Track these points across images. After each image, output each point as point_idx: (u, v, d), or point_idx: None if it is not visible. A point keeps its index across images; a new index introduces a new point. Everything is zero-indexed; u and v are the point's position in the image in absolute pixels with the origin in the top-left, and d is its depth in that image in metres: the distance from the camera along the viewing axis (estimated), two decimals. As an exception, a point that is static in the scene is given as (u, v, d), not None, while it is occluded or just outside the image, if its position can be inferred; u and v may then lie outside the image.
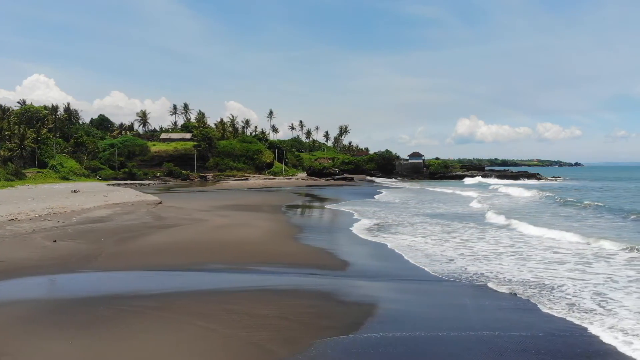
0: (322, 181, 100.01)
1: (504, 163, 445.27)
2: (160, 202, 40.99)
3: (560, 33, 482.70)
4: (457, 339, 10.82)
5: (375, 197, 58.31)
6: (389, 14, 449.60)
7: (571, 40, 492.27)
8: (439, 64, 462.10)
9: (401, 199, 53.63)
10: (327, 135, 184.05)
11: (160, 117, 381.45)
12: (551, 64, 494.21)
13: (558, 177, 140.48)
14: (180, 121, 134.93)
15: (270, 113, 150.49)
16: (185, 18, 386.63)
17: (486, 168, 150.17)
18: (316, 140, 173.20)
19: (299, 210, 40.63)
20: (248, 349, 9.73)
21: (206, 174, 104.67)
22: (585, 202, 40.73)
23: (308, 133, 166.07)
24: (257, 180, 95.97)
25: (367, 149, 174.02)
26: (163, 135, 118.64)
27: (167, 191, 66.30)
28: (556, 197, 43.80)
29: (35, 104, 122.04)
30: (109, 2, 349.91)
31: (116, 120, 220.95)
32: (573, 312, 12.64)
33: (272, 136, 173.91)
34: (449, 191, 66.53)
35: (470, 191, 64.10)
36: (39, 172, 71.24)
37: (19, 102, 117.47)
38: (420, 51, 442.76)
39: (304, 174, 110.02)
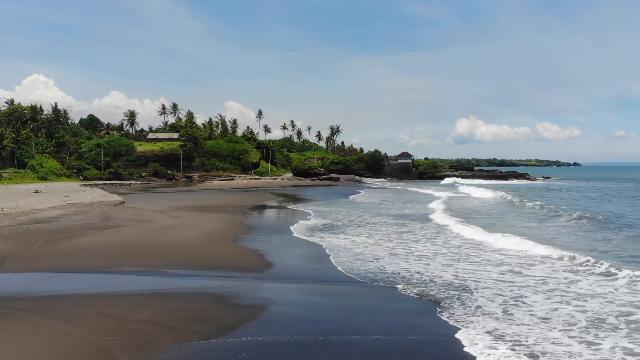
0: (308, 181, 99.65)
1: (502, 163, 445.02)
2: (122, 203, 40.72)
3: (560, 33, 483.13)
4: (338, 344, 10.58)
5: (350, 197, 58.05)
6: (388, 14, 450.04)
7: (570, 40, 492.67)
8: (439, 63, 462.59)
9: (375, 199, 53.39)
10: (319, 135, 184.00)
11: (159, 117, 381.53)
12: (550, 64, 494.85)
13: (548, 177, 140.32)
14: (172, 121, 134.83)
15: (260, 113, 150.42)
16: (185, 18, 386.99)
17: (475, 168, 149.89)
18: (307, 140, 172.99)
19: (261, 210, 40.35)
20: (90, 354, 9.46)
21: (192, 174, 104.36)
22: (535, 204, 40.16)
23: (299, 133, 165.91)
24: (241, 181, 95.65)
25: (361, 149, 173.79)
26: (150, 135, 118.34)
27: (143, 191, 66.01)
28: (515, 199, 43.47)
29: (34, 104, 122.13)
30: (108, 2, 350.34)
31: (115, 120, 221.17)
32: (470, 315, 12.31)
33: (264, 136, 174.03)
34: (427, 191, 66.46)
35: (441, 192, 64.30)
36: (17, 172, 70.92)
37: (6, 102, 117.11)
38: (419, 51, 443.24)
39: (290, 174, 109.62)
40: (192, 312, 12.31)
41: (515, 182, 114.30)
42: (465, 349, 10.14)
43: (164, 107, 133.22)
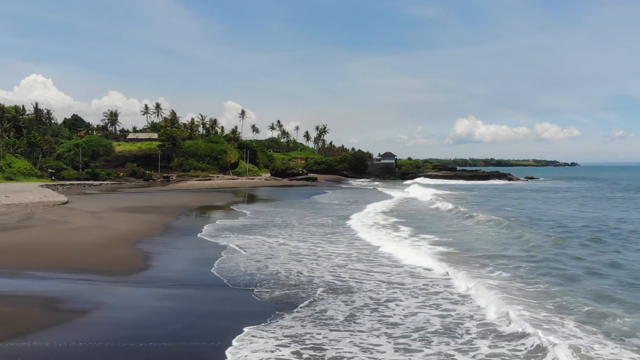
0: (285, 181, 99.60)
1: (499, 163, 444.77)
2: (65, 203, 40.68)
3: (559, 33, 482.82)
4: (135, 350, 10.56)
5: (313, 197, 58.06)
6: (388, 14, 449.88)
7: (570, 40, 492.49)
8: (438, 64, 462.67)
9: (337, 200, 53.28)
10: (307, 136, 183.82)
11: (144, 118, 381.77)
12: (550, 64, 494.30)
13: (532, 177, 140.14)
14: (160, 121, 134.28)
15: (242, 113, 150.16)
16: (184, 18, 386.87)
17: (468, 168, 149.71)
18: (293, 141, 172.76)
19: (199, 211, 40.08)
20: None
21: (170, 174, 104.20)
22: (457, 207, 39.75)
23: (284, 133, 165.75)
24: (217, 181, 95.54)
25: (353, 149, 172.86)
26: (130, 136, 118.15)
27: (108, 192, 65.96)
28: (449, 203, 43.39)
29: (34, 105, 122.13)
30: (108, 2, 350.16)
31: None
32: (292, 321, 12.18)
33: (252, 136, 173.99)
34: (390, 192, 66.54)
35: (399, 192, 64.49)
36: (-18, 172, 70.82)
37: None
38: (419, 51, 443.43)
39: (269, 175, 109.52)
40: (5, 316, 12.26)
41: (493, 182, 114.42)
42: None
43: (146, 107, 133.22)
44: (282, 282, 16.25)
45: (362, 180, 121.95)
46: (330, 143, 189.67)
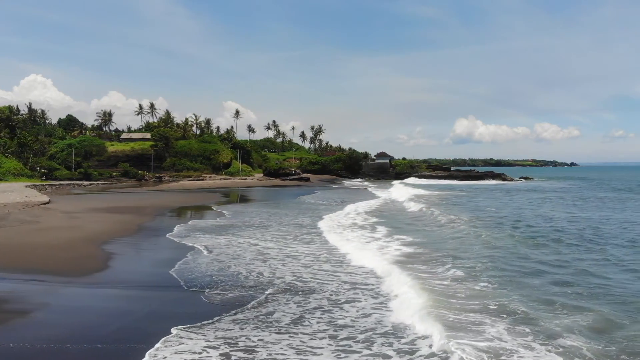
0: (277, 182, 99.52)
1: (498, 163, 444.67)
2: (46, 203, 40.62)
3: (559, 33, 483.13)
4: (62, 352, 10.51)
5: (300, 198, 58.03)
6: (387, 14, 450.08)
7: (569, 40, 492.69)
8: (438, 64, 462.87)
9: (325, 200, 53.10)
10: (303, 136, 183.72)
11: (138, 118, 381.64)
12: (549, 64, 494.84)
13: (527, 177, 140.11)
14: (155, 121, 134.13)
15: (237, 113, 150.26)
16: (184, 18, 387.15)
17: (453, 168, 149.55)
18: (286, 141, 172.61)
19: (179, 212, 39.90)
20: None
21: (162, 174, 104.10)
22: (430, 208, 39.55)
23: (278, 133, 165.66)
24: (209, 181, 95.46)
25: (350, 149, 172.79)
26: (124, 136, 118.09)
27: (96, 192, 65.90)
28: (429, 203, 43.40)
29: (33, 104, 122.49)
30: (107, 2, 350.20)
31: (113, 120, 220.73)
32: (231, 324, 12.08)
33: (248, 136, 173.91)
34: (377, 192, 66.44)
35: (387, 193, 64.40)
36: (-29, 172, 70.71)
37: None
38: (418, 51, 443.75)
39: (262, 175, 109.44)
40: None
41: (486, 182, 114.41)
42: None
43: (140, 107, 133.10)
44: (239, 283, 16.20)
45: (356, 180, 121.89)
46: (327, 143, 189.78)
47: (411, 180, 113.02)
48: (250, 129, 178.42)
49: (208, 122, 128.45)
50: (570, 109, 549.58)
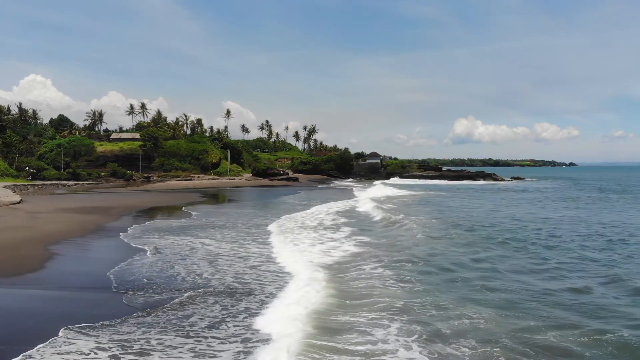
0: (265, 182, 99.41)
1: (497, 163, 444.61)
2: (17, 203, 40.56)
3: (559, 33, 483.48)
4: None
5: (282, 197, 58.09)
6: (387, 14, 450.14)
7: (569, 40, 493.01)
8: (438, 64, 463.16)
9: (307, 201, 52.95)
10: (297, 136, 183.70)
11: (129, 118, 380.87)
12: (549, 64, 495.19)
13: (519, 177, 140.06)
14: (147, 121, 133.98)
15: (228, 113, 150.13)
16: (183, 18, 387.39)
17: (444, 168, 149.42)
18: (279, 141, 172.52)
19: (148, 212, 39.57)
20: None
21: (151, 175, 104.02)
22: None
23: (270, 133, 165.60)
24: (196, 181, 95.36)
25: (346, 149, 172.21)
26: (114, 135, 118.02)
27: (77, 192, 65.87)
28: (392, 205, 43.55)
29: (32, 105, 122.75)
30: (107, 2, 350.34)
31: (112, 120, 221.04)
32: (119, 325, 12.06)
33: (242, 136, 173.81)
34: (356, 192, 66.37)
35: (361, 192, 64.47)
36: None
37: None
38: (418, 51, 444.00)
39: (250, 175, 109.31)
40: None
41: (476, 182, 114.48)
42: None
43: (132, 107, 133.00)
44: (173, 285, 16.00)
45: (347, 180, 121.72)
46: (321, 143, 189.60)
47: (397, 180, 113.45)
48: (244, 129, 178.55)
49: (199, 121, 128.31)
50: (569, 109, 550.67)
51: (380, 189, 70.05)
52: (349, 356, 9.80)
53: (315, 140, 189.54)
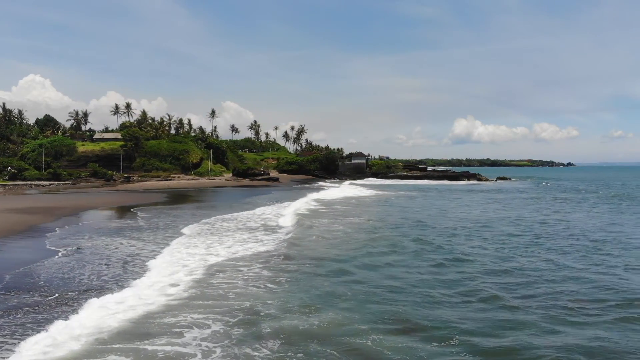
0: (245, 182, 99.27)
1: (494, 163, 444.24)
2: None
3: (558, 33, 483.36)
4: None
5: (252, 198, 57.91)
6: (387, 14, 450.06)
7: (569, 40, 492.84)
8: (437, 64, 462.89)
9: (273, 201, 52.72)
10: (286, 136, 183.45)
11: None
12: (549, 64, 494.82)
13: (505, 177, 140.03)
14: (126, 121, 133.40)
15: (213, 113, 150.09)
16: (182, 18, 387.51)
17: (430, 168, 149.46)
18: (266, 141, 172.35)
19: (94, 214, 39.52)
20: None
21: (131, 175, 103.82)
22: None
23: (257, 133, 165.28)
24: (176, 181, 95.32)
25: (341, 149, 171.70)
26: (97, 136, 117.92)
27: (48, 193, 65.78)
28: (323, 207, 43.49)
29: (31, 104, 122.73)
30: (107, 2, 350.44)
31: (111, 120, 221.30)
32: None
33: (231, 136, 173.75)
34: (327, 192, 66.20)
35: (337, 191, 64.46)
36: None
37: None
38: (418, 51, 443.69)
39: (231, 175, 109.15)
40: None
41: (458, 183, 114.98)
42: None
43: (117, 107, 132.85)
44: (62, 287, 15.92)
45: (329, 180, 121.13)
46: (310, 143, 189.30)
47: (376, 180, 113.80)
48: (234, 129, 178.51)
49: (180, 121, 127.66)
50: (569, 109, 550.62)
51: (344, 189, 69.85)
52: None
53: (307, 140, 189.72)
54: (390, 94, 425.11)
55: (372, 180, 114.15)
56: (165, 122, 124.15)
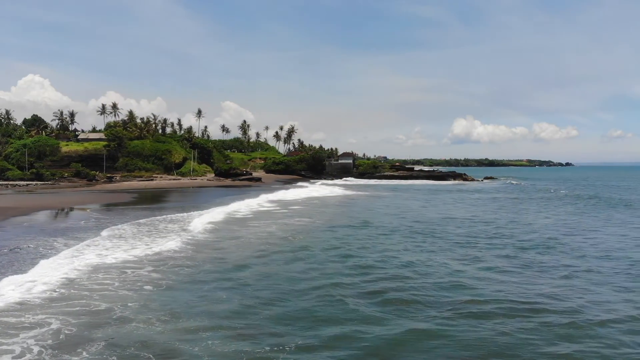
0: (227, 182, 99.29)
1: (492, 163, 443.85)
2: None
3: (558, 33, 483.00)
4: None
5: (218, 199, 57.64)
6: (386, 14, 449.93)
7: (568, 40, 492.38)
8: (437, 64, 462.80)
9: (234, 201, 52.71)
10: (277, 136, 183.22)
11: (101, 117, 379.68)
12: (548, 63, 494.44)
13: (491, 177, 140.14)
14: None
15: (199, 112, 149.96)
16: (182, 18, 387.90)
17: (416, 168, 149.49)
18: (255, 141, 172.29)
19: (42, 215, 39.45)
20: None
21: (114, 175, 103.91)
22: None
23: (244, 133, 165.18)
24: (156, 182, 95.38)
25: (335, 149, 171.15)
26: (81, 136, 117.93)
27: (20, 193, 65.89)
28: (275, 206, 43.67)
29: (31, 105, 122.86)
30: (106, 2, 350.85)
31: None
32: None
33: (222, 136, 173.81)
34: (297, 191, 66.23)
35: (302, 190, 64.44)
36: None
37: None
38: (417, 51, 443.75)
39: (213, 175, 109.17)
40: None
41: (443, 183, 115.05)
42: None
43: (103, 107, 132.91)
44: None
45: (313, 180, 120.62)
46: (302, 143, 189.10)
47: (357, 181, 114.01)
48: (225, 129, 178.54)
49: (165, 121, 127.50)
50: (568, 108, 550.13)
51: (316, 189, 69.82)
52: None
53: (299, 139, 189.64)
54: (390, 94, 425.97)
55: (354, 181, 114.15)
56: (151, 122, 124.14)
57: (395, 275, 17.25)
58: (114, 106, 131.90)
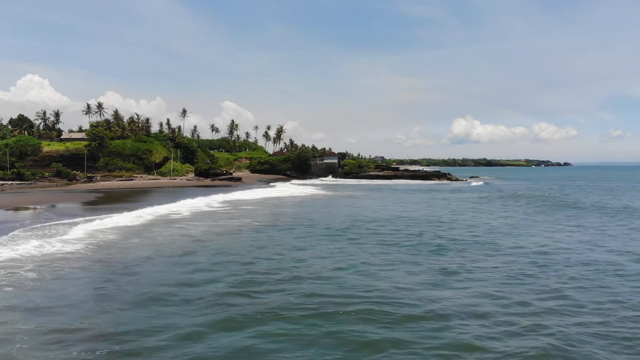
0: (207, 182, 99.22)
1: (489, 163, 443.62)
2: None
3: (557, 33, 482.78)
4: None
5: (184, 199, 57.56)
6: (386, 14, 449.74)
7: (568, 40, 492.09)
8: (436, 64, 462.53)
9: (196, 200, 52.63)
10: (266, 135, 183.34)
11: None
12: (548, 64, 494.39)
13: (476, 176, 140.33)
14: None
15: (184, 112, 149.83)
16: (182, 18, 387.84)
17: (400, 167, 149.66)
18: (242, 140, 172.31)
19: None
20: None
21: (95, 174, 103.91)
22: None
23: (230, 133, 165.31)
24: (133, 181, 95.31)
25: (330, 149, 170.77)
26: (64, 135, 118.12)
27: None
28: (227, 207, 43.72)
29: (30, 104, 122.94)
30: (106, 2, 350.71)
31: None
32: None
33: (211, 136, 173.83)
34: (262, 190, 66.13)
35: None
36: None
37: None
38: (417, 51, 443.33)
39: (193, 175, 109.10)
40: None
41: (427, 182, 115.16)
42: None
43: (88, 107, 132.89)
44: None
45: (296, 180, 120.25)
46: (292, 142, 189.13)
47: (336, 180, 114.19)
48: (214, 129, 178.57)
49: (147, 121, 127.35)
50: (568, 108, 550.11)
51: (281, 189, 69.84)
52: None
53: (291, 139, 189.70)
54: (390, 94, 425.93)
55: (335, 181, 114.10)
56: (135, 122, 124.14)
57: (280, 279, 17.09)
58: (99, 106, 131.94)
